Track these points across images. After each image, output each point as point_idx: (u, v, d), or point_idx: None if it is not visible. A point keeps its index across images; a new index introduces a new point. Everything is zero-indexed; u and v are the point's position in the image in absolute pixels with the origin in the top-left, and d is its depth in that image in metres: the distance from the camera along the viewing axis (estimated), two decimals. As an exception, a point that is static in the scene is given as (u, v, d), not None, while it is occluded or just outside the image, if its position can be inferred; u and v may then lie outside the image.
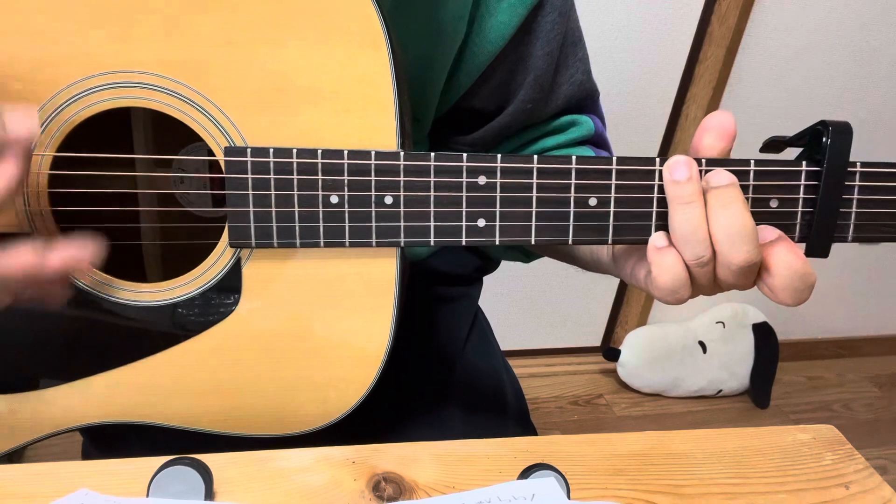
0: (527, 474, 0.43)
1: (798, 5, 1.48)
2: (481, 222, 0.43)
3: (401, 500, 0.43)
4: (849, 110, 1.64)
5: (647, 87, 1.50)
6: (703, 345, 1.77)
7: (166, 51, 0.41)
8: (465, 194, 0.43)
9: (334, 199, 0.42)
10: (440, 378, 0.68)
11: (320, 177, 0.42)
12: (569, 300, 1.76)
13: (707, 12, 1.44)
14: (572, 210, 0.43)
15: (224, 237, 0.44)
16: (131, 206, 0.54)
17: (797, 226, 0.43)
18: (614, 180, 0.42)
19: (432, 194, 0.42)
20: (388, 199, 0.43)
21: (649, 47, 1.45)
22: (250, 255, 0.45)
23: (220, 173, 0.43)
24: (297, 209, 0.43)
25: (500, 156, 0.42)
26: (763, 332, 1.80)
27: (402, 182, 0.42)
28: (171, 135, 0.51)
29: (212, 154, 0.43)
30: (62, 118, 0.42)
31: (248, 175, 0.42)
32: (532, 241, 0.43)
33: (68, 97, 0.42)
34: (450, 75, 0.56)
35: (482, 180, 0.42)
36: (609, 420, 1.70)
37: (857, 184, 0.42)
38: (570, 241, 0.43)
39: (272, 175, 0.42)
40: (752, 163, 0.42)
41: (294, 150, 0.42)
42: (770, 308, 1.83)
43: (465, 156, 0.42)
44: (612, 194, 0.42)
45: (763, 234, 0.41)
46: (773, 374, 1.83)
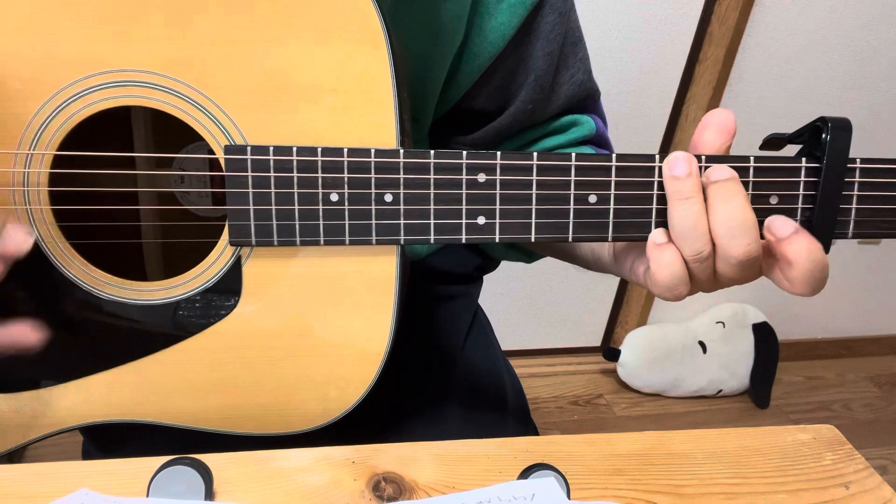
0: (527, 474, 0.43)
1: (798, 5, 1.48)
2: (481, 220, 0.43)
3: (401, 500, 0.43)
4: (849, 110, 1.64)
5: (647, 87, 1.50)
6: (703, 345, 1.77)
7: (166, 50, 0.41)
8: (464, 192, 0.42)
9: (334, 196, 0.42)
10: (440, 376, 0.68)
11: (320, 175, 0.42)
12: (569, 300, 1.76)
13: (707, 12, 1.44)
14: (572, 207, 0.43)
15: (224, 236, 0.44)
16: (132, 206, 0.54)
17: (797, 222, 0.43)
18: (614, 177, 0.42)
19: (432, 192, 0.42)
20: (388, 197, 0.43)
21: (649, 47, 1.45)
22: (250, 254, 0.45)
23: (221, 172, 0.43)
24: (296, 207, 0.43)
25: (499, 153, 0.42)
26: (763, 332, 1.80)
27: (401, 179, 0.42)
28: (171, 134, 0.51)
29: (212, 153, 0.43)
30: (62, 117, 0.42)
31: (248, 173, 0.42)
32: (532, 239, 0.43)
33: (68, 96, 0.42)
34: (450, 76, 0.56)
35: (482, 177, 0.42)
36: (609, 420, 1.70)
37: (857, 180, 0.42)
38: (570, 238, 0.43)
39: (272, 173, 0.42)
40: (752, 159, 0.42)
41: (294, 148, 0.42)
42: (770, 308, 1.83)
43: (464, 153, 0.42)
44: (612, 191, 0.42)
45: (781, 226, 0.41)
46: (773, 374, 1.83)
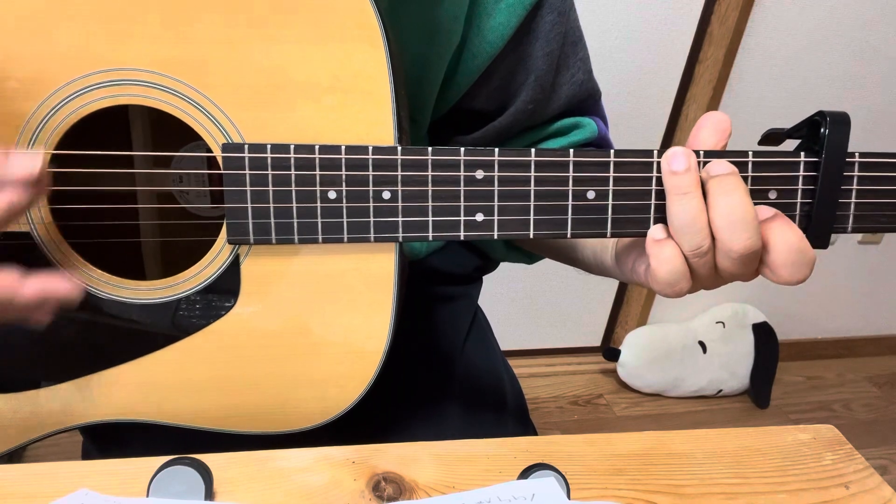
0: (527, 474, 0.43)
1: (798, 5, 1.48)
2: (479, 217, 0.43)
3: (401, 500, 0.43)
4: (848, 110, 1.62)
5: (647, 87, 1.50)
6: (703, 345, 1.77)
7: (163, 48, 0.41)
8: (462, 188, 0.42)
9: (332, 194, 0.42)
10: (440, 376, 0.68)
11: (318, 173, 0.42)
12: (569, 300, 1.76)
13: (707, 12, 1.44)
14: (570, 203, 0.43)
15: (222, 234, 0.44)
16: (130, 204, 0.54)
17: (796, 217, 0.43)
18: (612, 173, 0.42)
19: (430, 189, 0.42)
20: (386, 195, 0.42)
21: (649, 47, 1.45)
22: (248, 252, 0.45)
23: (219, 170, 0.42)
24: (294, 205, 0.42)
25: (497, 150, 0.42)
26: (763, 332, 1.80)
27: (399, 177, 0.42)
28: (169, 132, 0.51)
29: (210, 151, 0.43)
30: (60, 116, 0.42)
31: (246, 171, 0.42)
32: (531, 235, 0.43)
33: (66, 95, 0.42)
34: (448, 76, 0.56)
35: (480, 174, 0.42)
36: (609, 420, 1.70)
37: (856, 174, 0.42)
38: (569, 235, 0.43)
39: (270, 171, 0.42)
40: (751, 154, 0.42)
41: (291, 146, 0.42)
42: (770, 308, 1.83)
43: (462, 150, 0.42)
44: (611, 187, 0.42)
45: (759, 213, 0.41)
46: (773, 374, 1.82)
